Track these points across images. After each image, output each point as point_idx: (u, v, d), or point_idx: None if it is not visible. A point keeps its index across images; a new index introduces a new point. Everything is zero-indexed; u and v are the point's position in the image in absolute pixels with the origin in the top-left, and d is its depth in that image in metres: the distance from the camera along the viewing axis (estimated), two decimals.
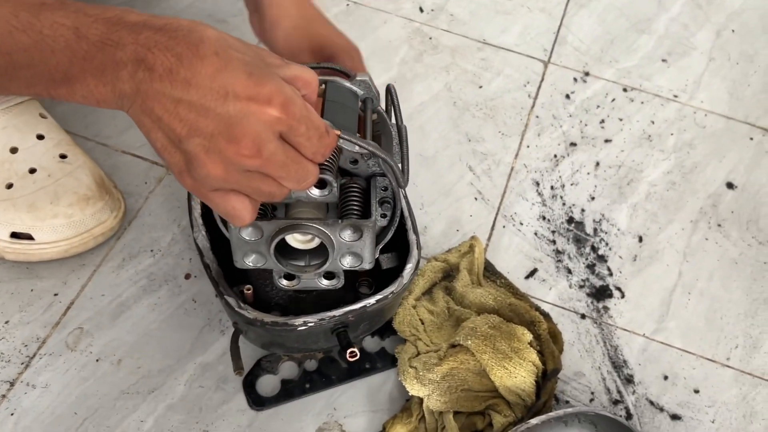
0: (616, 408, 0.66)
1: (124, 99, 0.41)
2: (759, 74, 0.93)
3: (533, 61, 0.91)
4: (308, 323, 0.55)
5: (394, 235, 0.57)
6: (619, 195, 0.81)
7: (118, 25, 0.41)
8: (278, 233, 0.50)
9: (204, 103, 0.40)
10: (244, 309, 0.55)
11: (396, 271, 0.58)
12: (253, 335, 0.59)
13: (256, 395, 0.63)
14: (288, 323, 0.54)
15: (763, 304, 0.74)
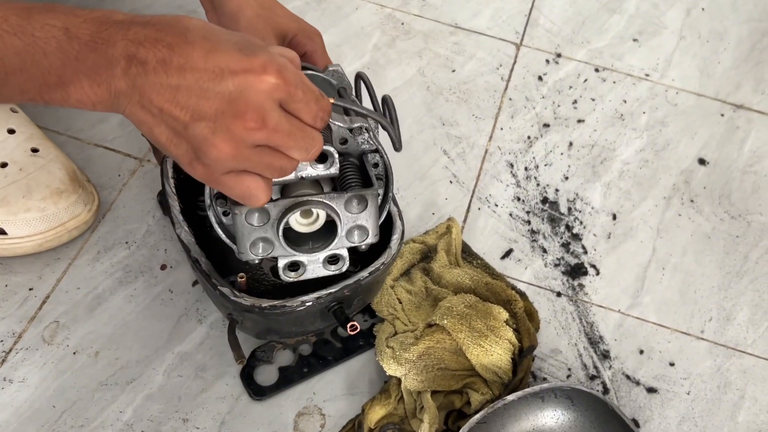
0: (593, 383, 0.67)
1: (120, 97, 0.41)
2: (729, 51, 0.94)
3: (505, 44, 0.92)
4: (306, 303, 0.55)
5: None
6: (592, 174, 0.81)
7: (106, 24, 0.41)
8: (286, 212, 0.49)
9: (202, 85, 0.40)
10: (240, 297, 0.55)
11: (377, 247, 0.59)
12: (250, 324, 0.59)
13: (256, 386, 0.63)
14: (286, 305, 0.54)
15: (735, 277, 0.75)
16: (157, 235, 0.72)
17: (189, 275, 0.69)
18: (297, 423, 0.63)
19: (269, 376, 0.64)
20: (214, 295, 0.57)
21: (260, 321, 0.58)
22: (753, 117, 0.88)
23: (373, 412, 0.61)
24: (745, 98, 0.89)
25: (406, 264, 0.69)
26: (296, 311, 0.55)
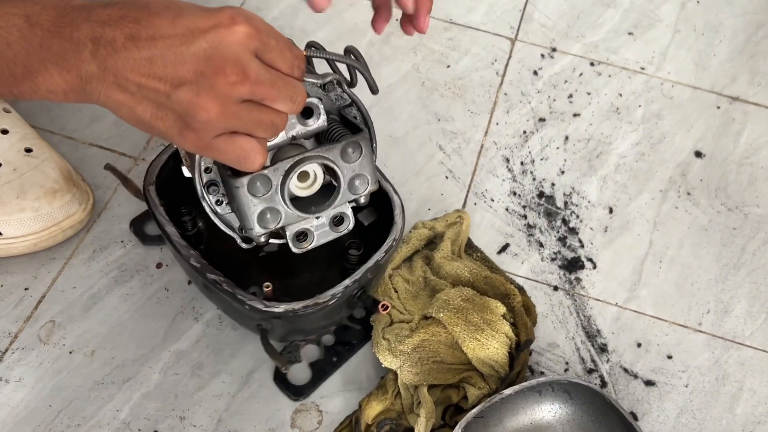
0: (591, 377, 0.67)
1: (92, 81, 0.40)
2: (724, 44, 0.94)
3: (500, 39, 0.91)
4: (336, 295, 0.55)
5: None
6: (588, 168, 0.81)
7: (67, 9, 0.41)
8: (287, 174, 0.48)
9: (175, 50, 0.40)
10: (271, 306, 0.55)
11: (377, 225, 0.59)
12: (279, 329, 0.59)
13: (293, 387, 0.63)
14: (318, 302, 0.55)
15: (733, 269, 0.75)
16: None
17: (184, 274, 0.69)
18: (294, 420, 0.63)
19: (302, 375, 0.64)
20: (242, 311, 0.56)
21: (291, 323, 0.58)
22: (749, 109, 0.88)
23: (370, 407, 0.61)
24: (740, 90, 0.89)
25: (411, 250, 0.69)
26: (328, 306, 0.55)
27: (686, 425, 0.65)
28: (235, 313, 0.60)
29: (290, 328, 0.59)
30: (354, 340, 0.66)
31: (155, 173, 0.60)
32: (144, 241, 0.70)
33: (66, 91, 0.41)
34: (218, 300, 0.60)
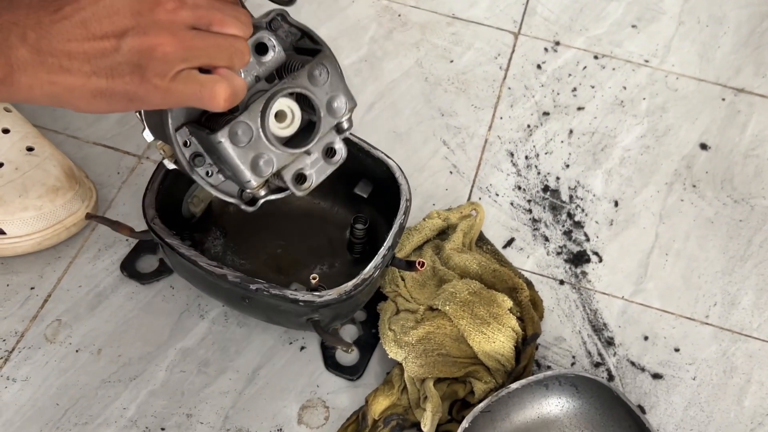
0: (598, 370, 0.67)
1: (26, 69, 0.38)
2: (728, 35, 0.93)
3: (503, 33, 0.91)
4: (377, 266, 0.57)
5: (356, 164, 0.61)
6: (593, 161, 0.81)
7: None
8: (264, 114, 0.46)
9: (104, 3, 0.38)
10: (324, 295, 0.55)
11: (390, 200, 0.61)
12: (325, 318, 0.59)
13: (347, 369, 0.64)
14: (365, 278, 0.56)
15: (739, 261, 0.75)
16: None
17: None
18: (301, 416, 0.63)
19: (349, 356, 0.65)
20: (291, 310, 0.57)
21: (338, 308, 0.58)
22: (754, 101, 0.87)
23: (376, 403, 0.61)
24: (745, 82, 0.89)
25: (423, 239, 0.69)
26: (373, 278, 0.57)
27: (694, 418, 0.65)
28: (282, 315, 0.59)
29: (338, 313, 0.60)
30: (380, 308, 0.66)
31: (153, 204, 0.59)
32: (142, 280, 0.67)
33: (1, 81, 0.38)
34: (261, 309, 0.60)
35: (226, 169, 0.49)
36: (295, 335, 0.66)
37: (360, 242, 0.66)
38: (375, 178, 0.65)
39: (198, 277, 0.59)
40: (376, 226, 0.65)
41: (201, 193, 0.67)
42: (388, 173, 0.63)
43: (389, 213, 0.61)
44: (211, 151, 0.48)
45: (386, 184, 0.63)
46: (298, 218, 0.69)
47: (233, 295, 0.58)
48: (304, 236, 0.68)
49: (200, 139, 0.48)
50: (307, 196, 0.64)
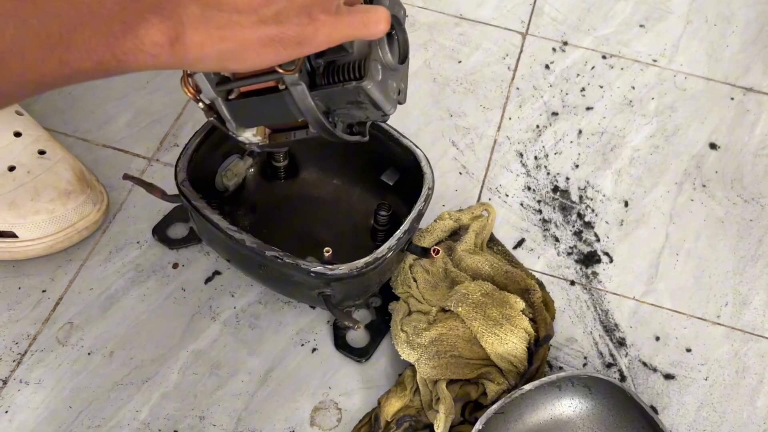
0: (610, 371, 0.67)
1: (198, 26, 0.36)
2: (737, 34, 0.93)
3: (511, 34, 0.91)
4: (391, 248, 0.58)
5: (385, 151, 0.65)
6: (602, 161, 0.81)
7: None
8: (390, 46, 0.49)
9: None
10: (335, 269, 0.57)
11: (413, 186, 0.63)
12: (338, 294, 0.60)
13: (356, 350, 0.65)
14: (378, 257, 0.58)
15: (750, 261, 0.74)
16: None
17: (202, 273, 0.69)
18: (314, 418, 0.63)
19: (360, 338, 0.66)
20: (303, 282, 0.59)
21: (350, 285, 0.60)
22: (763, 100, 0.87)
23: (389, 404, 0.61)
24: (754, 81, 0.88)
25: (434, 240, 0.69)
26: (386, 259, 0.58)
27: (707, 418, 0.65)
28: (295, 287, 0.61)
29: (349, 290, 0.61)
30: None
31: (185, 169, 0.62)
32: (171, 245, 0.70)
33: (173, 41, 0.36)
34: (276, 279, 0.62)
35: (359, 111, 0.50)
36: (307, 336, 0.66)
37: (383, 229, 0.67)
38: (402, 167, 0.67)
39: (219, 242, 0.61)
40: (399, 215, 0.66)
41: (235, 167, 0.69)
42: (415, 162, 0.64)
43: (412, 202, 0.62)
44: (342, 101, 0.50)
45: (412, 174, 0.65)
46: (326, 203, 0.71)
47: (250, 262, 0.60)
48: (330, 221, 0.70)
49: (332, 95, 0.49)
50: (337, 181, 0.71)
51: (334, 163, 0.71)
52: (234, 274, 0.69)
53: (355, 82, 0.48)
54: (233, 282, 0.69)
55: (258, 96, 0.52)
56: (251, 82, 0.51)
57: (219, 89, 0.52)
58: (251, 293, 0.69)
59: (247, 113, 0.53)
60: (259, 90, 0.52)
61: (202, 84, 0.51)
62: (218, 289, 0.69)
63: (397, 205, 0.66)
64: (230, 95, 0.53)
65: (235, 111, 0.53)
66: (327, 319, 0.68)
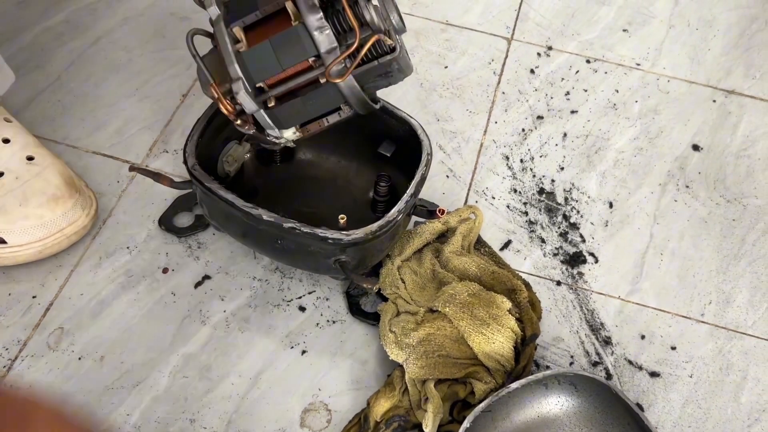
0: (596, 369, 0.68)
1: None
2: (718, 38, 0.95)
3: (497, 39, 0.92)
4: (401, 210, 0.61)
5: (380, 124, 0.67)
6: (587, 164, 0.82)
7: None
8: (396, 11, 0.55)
9: None
10: (351, 233, 0.59)
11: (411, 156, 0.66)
12: (352, 260, 0.62)
13: (372, 315, 0.68)
14: (390, 220, 0.60)
15: (733, 259, 0.76)
16: (158, 240, 0.72)
17: (191, 277, 0.70)
18: (304, 419, 0.63)
19: (374, 302, 0.69)
20: (319, 250, 0.61)
21: (364, 250, 0.62)
22: (744, 102, 0.88)
23: (378, 405, 0.62)
24: (736, 84, 0.90)
25: (423, 242, 0.70)
26: (397, 221, 0.60)
27: (692, 415, 0.66)
28: (311, 257, 0.63)
29: (363, 255, 0.63)
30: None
31: (194, 154, 0.63)
32: (179, 234, 0.72)
33: None
34: (292, 251, 0.64)
35: (385, 80, 0.56)
36: (297, 339, 0.67)
37: (383, 200, 0.70)
38: (397, 138, 0.69)
39: (234, 221, 0.63)
40: (397, 187, 0.68)
41: (235, 152, 0.71)
42: (410, 132, 0.67)
43: (410, 173, 0.64)
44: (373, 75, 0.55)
45: (408, 144, 0.67)
46: (325, 181, 0.74)
47: (267, 237, 0.62)
48: (330, 198, 0.72)
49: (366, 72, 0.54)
50: (334, 159, 0.74)
51: (329, 141, 0.73)
52: (223, 279, 0.70)
53: (389, 55, 0.53)
54: (223, 286, 0.70)
55: (301, 95, 0.55)
56: (290, 85, 0.54)
57: (258, 99, 0.53)
58: (241, 297, 0.69)
59: (290, 114, 0.56)
60: (296, 89, 0.54)
61: (245, 100, 0.54)
62: (208, 293, 0.69)
63: (394, 176, 0.69)
64: (268, 104, 0.54)
65: (277, 116, 0.55)
66: (336, 286, 0.70)
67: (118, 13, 0.91)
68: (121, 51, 0.87)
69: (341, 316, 0.69)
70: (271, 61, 0.53)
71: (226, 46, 0.54)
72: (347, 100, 0.56)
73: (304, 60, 0.53)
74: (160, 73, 0.85)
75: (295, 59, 0.53)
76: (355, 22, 0.52)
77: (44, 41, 0.87)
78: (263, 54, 0.53)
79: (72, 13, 0.90)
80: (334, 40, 0.52)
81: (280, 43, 0.53)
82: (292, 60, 0.53)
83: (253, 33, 0.55)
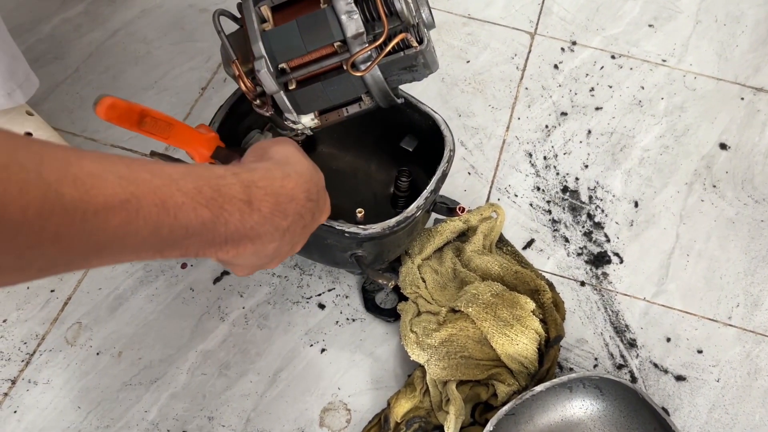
0: (621, 372, 0.66)
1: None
2: (746, 34, 0.92)
3: (520, 33, 0.91)
4: (420, 207, 0.59)
5: (403, 118, 0.66)
6: (612, 161, 0.80)
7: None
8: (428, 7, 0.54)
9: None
10: (369, 228, 0.58)
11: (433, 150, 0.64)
12: (369, 255, 0.62)
13: (387, 312, 0.67)
14: (408, 216, 0.59)
15: (762, 261, 0.74)
16: None
17: (210, 273, 0.69)
18: (323, 418, 0.62)
19: (390, 299, 0.69)
20: (337, 244, 0.60)
21: (381, 245, 0.61)
22: None
23: (398, 405, 0.61)
24: (765, 81, 0.88)
25: (443, 241, 0.69)
26: (415, 218, 0.59)
27: (719, 420, 0.64)
28: (327, 250, 0.62)
29: (380, 250, 0.62)
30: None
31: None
32: None
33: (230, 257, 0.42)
34: (308, 245, 0.62)
35: (409, 74, 0.55)
36: (316, 337, 0.66)
37: (403, 195, 0.68)
38: (420, 133, 0.68)
39: None
40: (417, 182, 0.67)
41: (257, 142, 0.69)
42: (434, 127, 0.65)
43: (432, 169, 0.63)
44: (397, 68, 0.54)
45: (430, 140, 0.66)
46: (346, 175, 0.72)
47: None
48: (351, 192, 0.71)
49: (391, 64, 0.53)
50: (355, 153, 0.73)
51: (350, 134, 0.72)
52: None
53: (415, 48, 0.52)
54: (242, 282, 0.69)
55: (322, 80, 0.54)
56: (313, 69, 0.53)
57: (279, 81, 0.53)
58: (260, 293, 0.68)
59: (310, 99, 0.55)
60: (319, 74, 0.53)
61: (266, 79, 0.53)
62: (227, 289, 0.68)
63: (415, 172, 0.68)
64: (289, 86, 0.54)
65: (297, 99, 0.54)
66: (355, 284, 0.69)
67: (137, 5, 0.90)
68: (139, 43, 0.86)
69: (360, 314, 0.68)
70: (296, 41, 0.52)
71: (252, 24, 0.53)
72: (369, 91, 0.55)
73: (329, 44, 0.52)
74: (178, 65, 0.84)
75: (320, 42, 0.52)
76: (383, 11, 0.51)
77: (63, 32, 0.87)
78: (289, 34, 0.52)
79: (91, 5, 0.90)
80: (361, 26, 0.51)
81: (307, 24, 0.52)
82: (318, 42, 0.52)
83: (281, 13, 0.54)
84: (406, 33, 0.52)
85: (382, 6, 0.51)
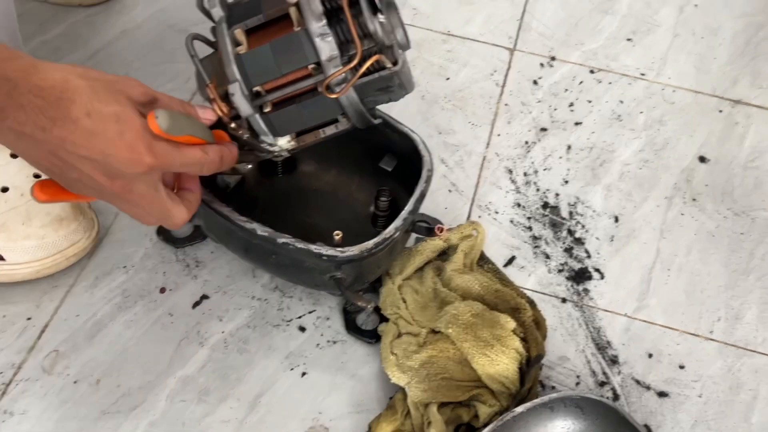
0: (603, 390, 0.66)
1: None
2: (724, 47, 0.93)
3: (499, 50, 0.91)
4: (398, 228, 0.60)
5: (382, 138, 0.67)
6: (592, 177, 0.80)
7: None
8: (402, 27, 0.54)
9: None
10: (347, 251, 0.58)
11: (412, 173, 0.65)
12: (348, 277, 0.61)
13: (368, 333, 0.67)
14: (386, 237, 0.59)
15: (742, 275, 0.74)
16: (155, 259, 0.71)
17: (189, 297, 0.69)
18: None
19: (371, 319, 0.68)
20: (314, 267, 0.60)
21: (360, 267, 0.61)
22: (752, 112, 0.87)
23: (380, 428, 0.60)
24: (742, 93, 0.88)
25: (424, 260, 0.69)
26: (394, 238, 0.60)
27: None
28: (306, 273, 0.62)
29: (359, 272, 0.62)
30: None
31: None
32: (176, 244, 0.71)
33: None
34: (287, 265, 0.63)
35: (385, 95, 0.55)
36: (297, 360, 0.66)
37: (383, 215, 0.68)
38: (399, 153, 0.69)
39: (230, 235, 0.62)
40: (398, 201, 0.67)
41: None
42: (412, 147, 0.65)
43: (412, 188, 0.63)
44: (373, 89, 0.54)
45: (408, 159, 0.66)
46: (326, 194, 0.73)
47: (261, 251, 0.61)
48: (331, 211, 0.71)
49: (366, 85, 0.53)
50: (335, 172, 0.73)
51: (331, 154, 0.71)
52: (222, 298, 0.69)
53: (390, 69, 0.52)
54: (221, 306, 0.68)
55: (297, 103, 0.54)
56: (288, 91, 0.53)
57: (254, 103, 0.53)
58: (239, 317, 0.68)
59: (286, 121, 0.55)
60: (294, 96, 0.53)
61: (240, 103, 0.53)
62: (206, 313, 0.68)
63: (395, 191, 0.68)
64: (264, 109, 0.53)
65: (272, 122, 0.54)
66: (336, 305, 0.69)
67: (117, 26, 0.90)
68: (119, 64, 0.86)
69: (342, 335, 0.67)
70: (270, 64, 0.52)
71: (226, 47, 0.53)
72: (345, 112, 0.55)
73: (303, 66, 0.53)
74: (158, 86, 0.83)
75: (295, 65, 0.52)
76: (355, 33, 0.51)
77: (42, 55, 0.86)
78: (263, 57, 0.52)
79: (69, 27, 0.89)
80: (335, 48, 0.51)
81: (281, 47, 0.52)
82: (292, 65, 0.52)
83: (255, 36, 0.54)
84: (380, 54, 0.52)
85: (355, 28, 0.51)
